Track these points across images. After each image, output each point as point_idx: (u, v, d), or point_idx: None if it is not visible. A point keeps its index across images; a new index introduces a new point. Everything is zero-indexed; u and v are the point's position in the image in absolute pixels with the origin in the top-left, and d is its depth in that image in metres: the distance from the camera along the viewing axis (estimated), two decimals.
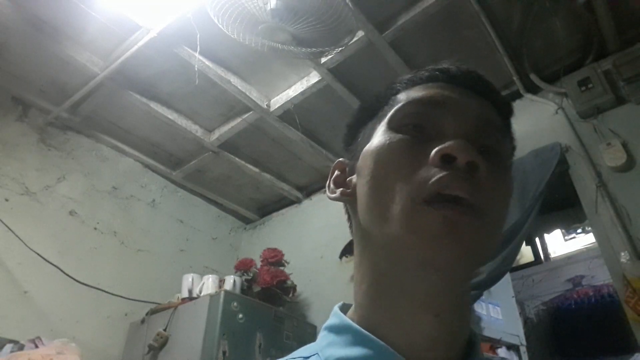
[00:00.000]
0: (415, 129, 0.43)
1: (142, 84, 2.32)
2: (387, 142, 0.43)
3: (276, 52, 1.71)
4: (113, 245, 2.56)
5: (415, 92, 0.46)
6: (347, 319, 0.44)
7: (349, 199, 0.48)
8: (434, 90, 0.45)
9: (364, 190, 0.44)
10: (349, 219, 0.51)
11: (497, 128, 0.45)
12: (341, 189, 0.50)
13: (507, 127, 0.48)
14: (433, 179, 0.39)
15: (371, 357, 0.40)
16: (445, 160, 0.39)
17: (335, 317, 0.46)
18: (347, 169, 0.52)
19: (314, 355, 0.44)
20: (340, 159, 0.54)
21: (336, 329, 0.44)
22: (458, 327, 0.42)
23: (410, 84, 0.48)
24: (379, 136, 0.45)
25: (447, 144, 0.39)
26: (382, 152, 0.43)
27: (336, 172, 0.53)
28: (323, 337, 0.45)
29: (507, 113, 0.48)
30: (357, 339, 0.41)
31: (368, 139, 0.47)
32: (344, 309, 0.47)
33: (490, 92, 0.47)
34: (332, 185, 0.52)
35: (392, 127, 0.45)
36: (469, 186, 0.39)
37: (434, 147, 0.40)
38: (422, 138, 0.42)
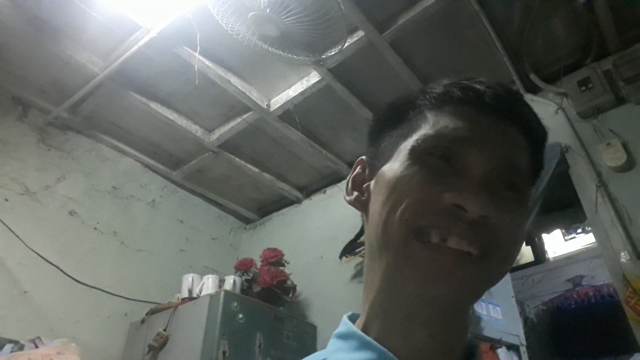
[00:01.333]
0: (439, 159, 0.43)
1: (142, 84, 2.32)
2: (406, 171, 0.43)
3: (266, 53, 1.71)
4: (113, 245, 2.56)
5: (444, 120, 0.45)
6: (353, 327, 0.46)
7: (361, 206, 0.50)
8: (463, 122, 0.44)
9: (376, 210, 0.45)
10: (363, 222, 0.52)
11: (521, 169, 0.44)
12: (357, 193, 0.51)
13: (537, 155, 0.47)
14: (439, 224, 0.40)
15: None
16: (457, 208, 0.40)
17: (344, 325, 0.48)
18: (367, 170, 0.52)
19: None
20: (363, 157, 0.54)
21: (344, 336, 0.47)
22: (454, 344, 0.45)
23: (440, 102, 0.47)
24: (400, 163, 0.45)
25: (462, 193, 0.40)
26: (400, 181, 0.43)
27: (357, 170, 0.53)
28: (332, 344, 0.48)
29: (540, 139, 0.47)
30: (361, 345, 0.44)
31: (390, 154, 0.47)
32: (353, 318, 0.50)
33: (526, 120, 0.46)
34: (349, 185, 0.52)
35: (415, 155, 0.44)
36: (474, 236, 0.40)
37: (453, 185, 0.41)
38: (446, 169, 0.43)
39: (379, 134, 0.51)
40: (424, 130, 0.45)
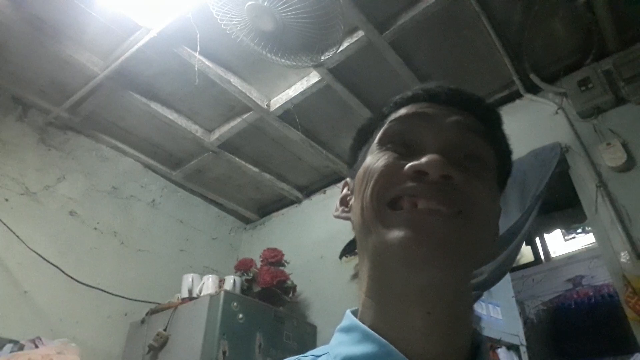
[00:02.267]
0: (401, 145, 0.47)
1: (142, 84, 2.32)
2: (374, 160, 0.48)
3: (264, 57, 1.70)
4: (113, 245, 2.56)
5: (400, 113, 0.50)
6: (355, 320, 0.47)
7: (347, 216, 0.53)
8: (416, 108, 0.49)
9: (356, 206, 0.49)
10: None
11: (477, 136, 0.48)
12: (342, 207, 0.55)
13: (492, 133, 0.50)
14: (405, 190, 0.43)
15: (375, 353, 0.42)
16: (419, 175, 0.43)
17: (347, 319, 0.49)
18: (350, 187, 0.56)
19: (325, 354, 0.48)
20: (347, 179, 0.58)
21: (346, 329, 0.47)
22: (454, 327, 0.44)
23: (397, 106, 0.51)
24: (369, 156, 0.50)
25: (420, 160, 0.43)
26: (368, 169, 0.48)
27: (344, 190, 0.57)
28: (335, 337, 0.49)
29: (493, 121, 0.51)
30: (363, 337, 0.44)
31: (362, 160, 0.51)
32: (355, 312, 0.50)
33: (473, 105, 0.50)
34: (337, 204, 0.57)
35: (380, 145, 0.49)
36: (442, 196, 0.42)
37: (414, 159, 0.44)
38: (407, 153, 0.46)
39: (355, 154, 0.56)
40: (384, 127, 0.50)
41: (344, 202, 0.55)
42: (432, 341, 0.42)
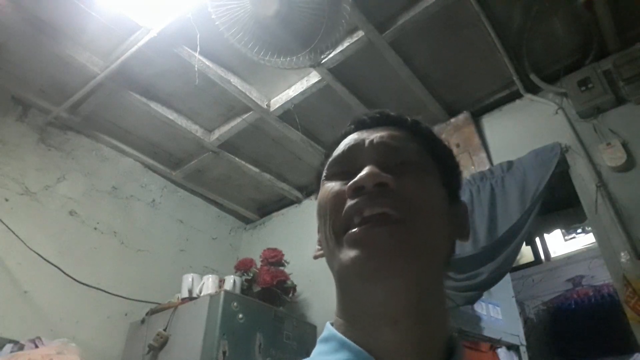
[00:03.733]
0: (342, 174, 0.51)
1: (142, 84, 2.32)
2: (324, 193, 0.51)
3: (262, 61, 1.69)
4: (113, 245, 2.56)
5: (339, 149, 0.54)
6: (333, 330, 0.49)
7: (321, 254, 0.55)
8: (348, 139, 0.54)
9: (322, 239, 0.52)
10: None
11: (405, 143, 0.51)
12: (318, 246, 0.58)
13: (423, 140, 0.54)
14: (350, 210, 0.46)
15: None
16: (358, 191, 0.46)
17: (326, 330, 0.51)
18: None
19: None
20: None
21: (325, 339, 0.49)
22: (427, 333, 0.45)
23: (335, 144, 0.56)
24: (320, 191, 0.53)
25: (355, 178, 0.46)
26: (320, 203, 0.51)
27: (319, 235, 0.59)
28: (315, 348, 0.50)
29: (422, 130, 0.55)
30: (340, 346, 0.46)
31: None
32: (335, 323, 0.52)
33: (398, 121, 0.54)
34: (317, 246, 0.59)
35: (326, 179, 0.53)
36: (382, 200, 0.45)
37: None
38: (349, 178, 0.48)
39: (316, 196, 0.59)
40: (327, 164, 0.54)
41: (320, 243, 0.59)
42: (404, 349, 0.44)
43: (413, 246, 0.44)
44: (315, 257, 0.58)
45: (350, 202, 0.46)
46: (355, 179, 0.46)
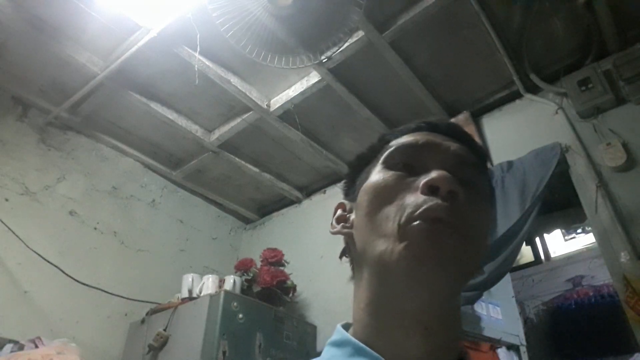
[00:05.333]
0: (405, 167, 0.50)
1: (142, 84, 2.32)
2: (382, 177, 0.50)
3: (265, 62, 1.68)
4: (113, 245, 2.56)
5: (405, 139, 0.54)
6: (347, 334, 0.48)
7: (348, 232, 0.55)
8: (420, 136, 0.53)
9: (362, 220, 0.50)
10: (349, 254, 0.57)
11: (474, 164, 0.52)
12: (342, 224, 0.56)
13: (483, 166, 0.55)
14: (424, 206, 0.45)
15: None
16: (431, 189, 0.46)
17: (338, 333, 0.50)
18: (347, 208, 0.58)
19: None
20: (342, 200, 0.60)
21: (338, 343, 0.49)
22: (447, 341, 0.46)
23: (400, 134, 0.55)
24: (375, 174, 0.52)
25: (433, 175, 0.46)
26: (378, 186, 0.50)
27: (339, 212, 0.59)
28: (326, 351, 0.50)
29: (482, 156, 0.56)
30: (355, 352, 0.45)
31: (365, 179, 0.54)
32: (346, 327, 0.51)
33: (468, 139, 0.55)
34: (334, 222, 0.58)
35: (385, 166, 0.52)
36: (449, 210, 0.45)
37: (422, 180, 0.47)
38: (411, 173, 0.49)
39: (354, 176, 0.58)
40: (390, 148, 0.53)
41: (341, 220, 0.57)
42: (425, 355, 0.44)
43: (467, 258, 0.45)
44: (336, 233, 0.57)
45: (420, 197, 0.46)
46: (434, 176, 0.46)
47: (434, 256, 0.43)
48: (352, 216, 0.55)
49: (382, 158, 0.53)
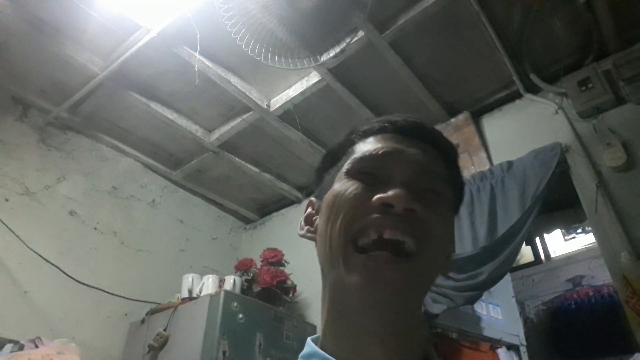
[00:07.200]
0: (368, 176, 0.50)
1: (142, 84, 2.32)
2: (342, 188, 0.50)
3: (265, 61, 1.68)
4: (113, 245, 2.56)
5: (368, 145, 0.53)
6: (315, 347, 0.50)
7: (312, 236, 0.56)
8: (384, 142, 0.53)
9: (322, 229, 0.51)
10: (318, 258, 0.57)
11: (437, 173, 0.52)
12: (307, 227, 0.58)
13: (450, 168, 0.54)
14: (372, 222, 0.46)
15: None
16: (385, 207, 0.46)
17: (308, 346, 0.52)
18: (315, 207, 0.58)
19: None
20: (312, 198, 0.61)
21: (307, 356, 0.50)
22: (407, 350, 0.47)
23: (365, 135, 0.55)
24: (337, 183, 0.52)
25: (387, 193, 0.46)
26: (336, 197, 0.50)
27: (308, 210, 0.60)
28: None
29: (451, 154, 0.56)
30: None
31: (330, 184, 0.54)
32: (316, 340, 0.53)
33: (435, 138, 0.55)
34: (302, 223, 0.59)
35: (348, 175, 0.52)
36: (405, 226, 0.46)
37: (381, 191, 0.47)
38: (373, 184, 0.49)
39: (322, 175, 0.58)
40: (354, 155, 0.53)
41: (309, 221, 0.58)
42: None
43: (418, 283, 0.47)
44: (302, 236, 0.58)
45: (374, 215, 0.46)
46: (388, 195, 0.46)
47: (378, 288, 0.44)
48: (317, 220, 0.55)
49: (344, 166, 0.53)
